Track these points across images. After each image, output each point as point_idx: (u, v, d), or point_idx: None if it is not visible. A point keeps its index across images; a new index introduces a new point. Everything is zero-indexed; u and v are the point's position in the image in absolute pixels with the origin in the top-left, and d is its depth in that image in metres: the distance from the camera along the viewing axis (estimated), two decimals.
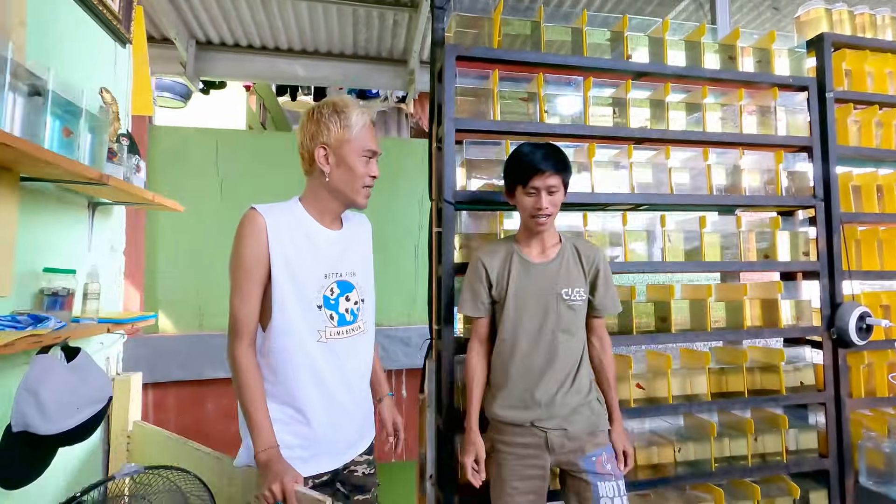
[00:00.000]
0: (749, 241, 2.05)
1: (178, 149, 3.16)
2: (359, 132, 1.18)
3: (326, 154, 1.18)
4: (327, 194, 1.20)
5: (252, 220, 1.13)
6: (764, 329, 1.97)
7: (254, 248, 1.11)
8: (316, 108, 1.19)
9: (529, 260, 1.49)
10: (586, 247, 1.53)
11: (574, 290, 1.45)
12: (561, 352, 1.43)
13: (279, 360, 1.14)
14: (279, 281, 1.12)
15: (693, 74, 1.96)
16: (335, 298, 1.20)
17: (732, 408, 1.95)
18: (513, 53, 1.80)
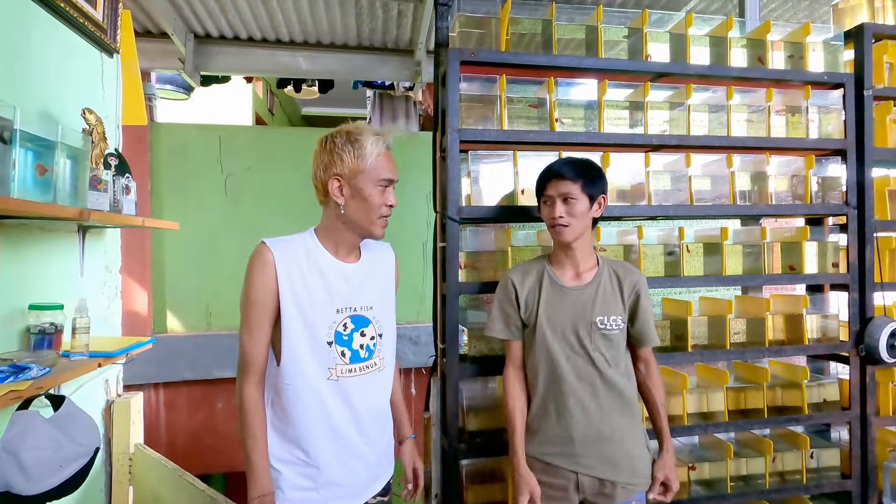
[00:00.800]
0: (774, 252, 1.93)
1: (181, 146, 3.10)
2: (374, 161, 1.12)
3: (341, 185, 1.13)
4: (342, 226, 1.16)
5: (260, 254, 1.10)
6: (787, 346, 1.87)
7: (262, 283, 1.09)
8: (329, 137, 1.15)
9: (562, 283, 1.39)
10: (626, 271, 1.42)
11: (610, 319, 1.35)
12: (598, 385, 1.34)
13: (289, 397, 1.11)
14: (288, 317, 1.09)
15: (718, 74, 1.81)
16: (349, 334, 1.16)
17: (751, 427, 1.87)
18: (522, 56, 1.67)
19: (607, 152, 1.75)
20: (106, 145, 1.43)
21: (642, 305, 1.39)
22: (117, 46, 1.66)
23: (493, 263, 1.75)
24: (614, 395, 1.35)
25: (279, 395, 1.12)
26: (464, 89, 1.67)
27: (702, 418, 1.85)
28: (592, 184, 1.34)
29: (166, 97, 3.67)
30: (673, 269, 1.84)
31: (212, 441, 3.07)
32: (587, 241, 1.41)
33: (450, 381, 1.62)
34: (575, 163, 1.37)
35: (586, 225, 1.37)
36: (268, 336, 1.11)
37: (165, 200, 3.09)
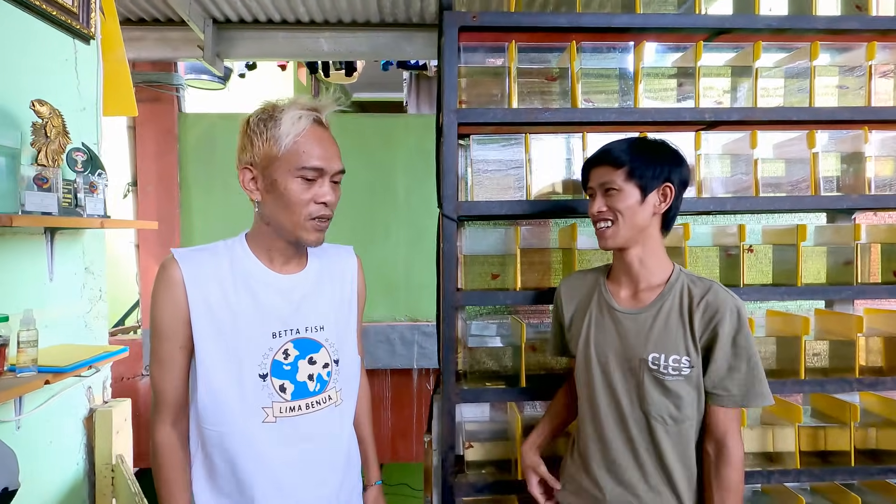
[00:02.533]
0: (872, 256, 1.51)
1: (208, 136, 3.06)
2: (291, 144, 0.86)
3: (254, 177, 0.90)
4: (267, 228, 0.93)
5: (165, 271, 0.89)
6: (887, 378, 1.45)
7: (168, 307, 0.88)
8: (249, 116, 0.91)
9: (614, 304, 1.09)
10: (711, 294, 1.01)
11: (669, 358, 1.00)
12: (643, 445, 1.03)
13: (213, 444, 0.90)
14: (204, 348, 0.88)
15: (798, 27, 1.40)
16: (291, 363, 0.93)
17: (833, 477, 1.48)
18: (536, 17, 1.37)
19: (644, 132, 1.41)
20: (67, 140, 1.31)
21: (726, 342, 0.98)
22: (93, 32, 1.54)
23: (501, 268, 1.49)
24: (662, 459, 1.02)
25: (202, 441, 0.92)
26: (465, 61, 1.40)
27: (765, 461, 1.49)
28: (644, 168, 1.01)
29: (201, 87, 3.65)
30: (731, 276, 1.48)
31: None
32: (652, 249, 1.07)
33: (445, 405, 1.39)
34: (626, 143, 1.06)
35: (642, 224, 1.04)
36: (184, 368, 0.92)
37: (194, 191, 3.07)
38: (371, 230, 3.14)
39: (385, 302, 3.10)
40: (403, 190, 3.15)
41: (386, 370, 3.09)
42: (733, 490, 0.99)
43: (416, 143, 3.14)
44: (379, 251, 3.12)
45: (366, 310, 3.48)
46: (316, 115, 0.90)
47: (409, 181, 3.15)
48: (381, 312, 3.09)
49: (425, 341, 3.08)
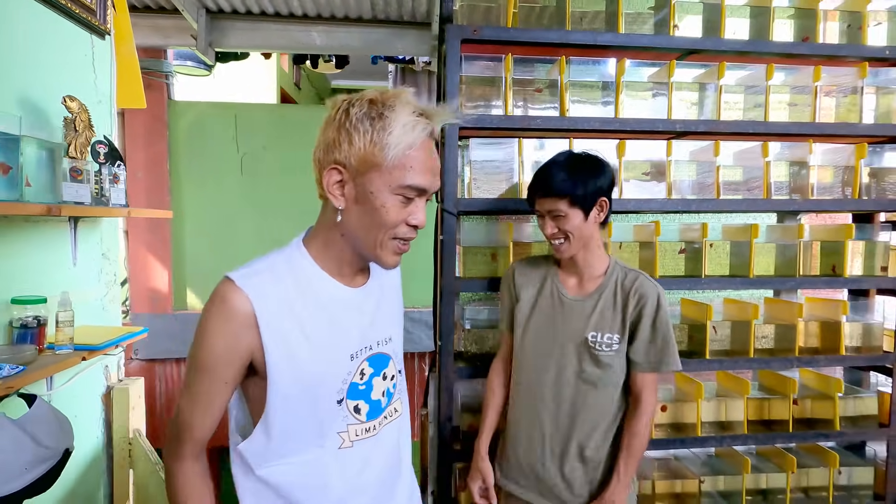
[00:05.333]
0: (812, 252, 1.74)
1: (198, 125, 3.10)
2: (400, 155, 0.73)
3: (342, 181, 0.77)
4: (341, 239, 0.81)
5: (226, 302, 0.74)
6: (821, 356, 1.69)
7: (223, 340, 0.74)
8: (345, 103, 0.76)
9: (563, 292, 1.28)
10: (638, 283, 1.22)
11: (604, 336, 1.22)
12: (577, 405, 1.23)
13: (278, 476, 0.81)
14: (281, 384, 0.76)
15: (757, 50, 1.60)
16: (366, 382, 0.85)
17: (774, 441, 1.72)
18: (530, 33, 1.52)
19: (624, 140, 1.59)
20: (93, 133, 1.40)
21: (648, 323, 1.21)
22: (108, 28, 1.61)
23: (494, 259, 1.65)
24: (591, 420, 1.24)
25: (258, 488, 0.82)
26: (466, 70, 1.54)
27: (719, 428, 1.72)
28: (583, 194, 1.17)
29: (186, 73, 3.66)
30: (694, 268, 1.69)
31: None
32: (594, 248, 1.26)
33: (444, 383, 1.56)
34: (563, 169, 1.19)
35: (588, 235, 1.23)
36: (223, 406, 0.79)
37: (184, 179, 3.11)
38: None
39: None
40: None
41: None
42: (639, 435, 1.22)
43: None
44: None
45: None
46: (431, 127, 0.76)
47: None
48: None
49: (412, 327, 3.23)
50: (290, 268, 0.80)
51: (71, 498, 1.51)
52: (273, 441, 0.78)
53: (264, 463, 0.80)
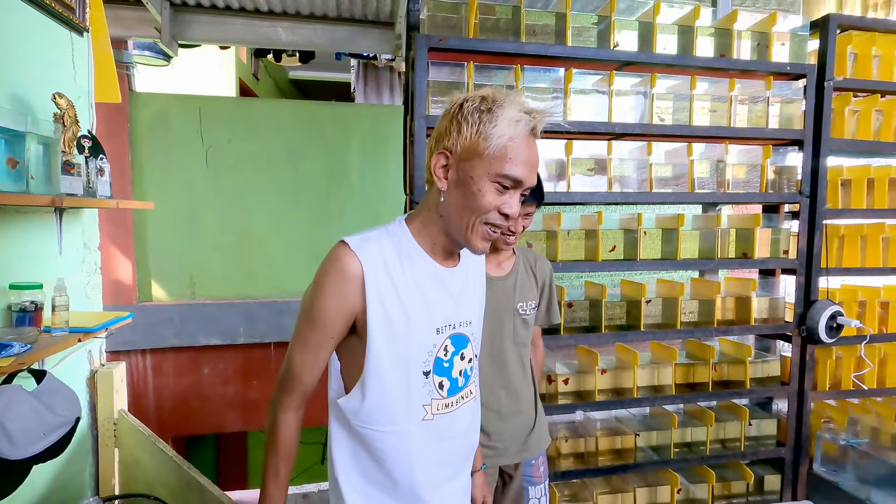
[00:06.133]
0: (729, 238, 2.03)
1: (161, 117, 3.09)
2: (501, 146, 0.80)
3: (447, 165, 0.85)
4: (440, 220, 0.88)
5: (340, 262, 0.83)
6: (735, 326, 1.99)
7: (336, 297, 0.83)
8: (462, 98, 0.86)
9: (491, 274, 1.47)
10: (537, 260, 1.52)
11: (528, 304, 1.46)
12: (510, 364, 1.45)
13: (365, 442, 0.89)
14: (377, 347, 0.84)
15: (683, 63, 1.85)
16: (449, 359, 0.92)
17: (696, 400, 2.01)
18: (489, 43, 1.70)
19: (571, 140, 1.81)
20: (78, 128, 1.47)
21: (549, 288, 1.51)
22: (87, 25, 1.67)
23: None
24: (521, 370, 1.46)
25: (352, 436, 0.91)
26: (432, 75, 1.71)
27: (652, 391, 1.99)
28: (537, 200, 1.42)
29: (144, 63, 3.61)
30: (631, 252, 1.93)
31: (200, 404, 3.22)
32: None
33: None
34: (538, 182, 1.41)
35: None
36: (326, 359, 0.88)
37: (146, 171, 3.10)
38: (327, 212, 3.35)
39: None
40: (358, 174, 3.39)
41: None
42: (539, 362, 1.60)
43: (370, 131, 3.38)
44: (335, 231, 3.35)
45: None
46: (534, 123, 0.83)
47: (363, 166, 3.39)
48: None
49: None
50: (393, 241, 0.88)
51: (58, 478, 1.58)
52: (367, 403, 0.86)
53: (360, 422, 0.88)
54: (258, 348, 3.28)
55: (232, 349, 3.23)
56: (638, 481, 2.01)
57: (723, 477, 2.05)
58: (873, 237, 2.10)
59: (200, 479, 1.32)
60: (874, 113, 2.05)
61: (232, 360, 3.26)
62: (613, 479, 2.03)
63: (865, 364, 2.04)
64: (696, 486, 2.02)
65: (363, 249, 0.83)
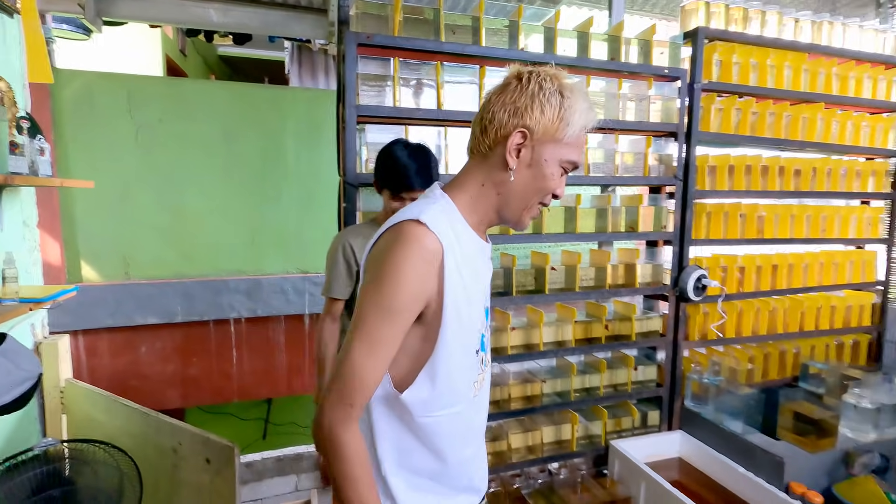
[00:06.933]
0: (619, 215, 2.39)
1: (86, 95, 3.04)
2: (576, 135, 0.83)
3: (523, 144, 0.82)
4: (496, 198, 0.86)
5: (425, 245, 0.76)
6: (624, 289, 2.38)
7: (418, 286, 0.76)
8: (532, 74, 0.84)
9: None
10: None
11: None
12: None
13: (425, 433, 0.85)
14: (449, 331, 0.81)
15: (581, 64, 2.16)
16: (485, 334, 0.93)
17: (592, 351, 2.39)
18: (412, 41, 1.91)
19: None
20: (17, 109, 1.54)
21: None
22: (17, 6, 1.70)
23: None
24: None
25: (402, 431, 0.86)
26: (361, 68, 1.90)
27: (556, 345, 2.34)
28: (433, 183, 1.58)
29: (63, 37, 3.49)
30: (537, 226, 2.25)
31: (138, 383, 3.26)
32: None
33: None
34: (426, 170, 1.53)
35: None
36: (392, 359, 0.79)
37: (71, 150, 3.05)
38: (263, 191, 3.45)
39: (278, 257, 3.48)
40: (293, 155, 3.50)
41: (280, 317, 3.51)
42: None
43: (305, 114, 3.49)
44: (272, 211, 3.46)
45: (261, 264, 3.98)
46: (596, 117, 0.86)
47: (298, 148, 3.50)
48: (276, 266, 3.47)
49: (315, 290, 3.54)
50: (448, 218, 0.83)
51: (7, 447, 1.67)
52: (437, 390, 0.82)
53: (427, 412, 0.83)
54: (197, 326, 3.35)
55: (170, 328, 3.29)
56: (545, 421, 2.37)
57: (614, 414, 2.46)
58: (733, 214, 2.56)
59: (170, 420, 1.48)
60: (734, 111, 2.47)
61: (170, 339, 3.32)
62: (525, 421, 2.38)
63: (721, 317, 2.51)
64: (592, 423, 2.42)
65: (439, 228, 0.78)
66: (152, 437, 1.53)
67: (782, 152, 2.72)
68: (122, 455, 1.40)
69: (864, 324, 2.95)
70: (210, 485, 1.42)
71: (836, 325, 2.86)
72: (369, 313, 0.75)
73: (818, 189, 2.73)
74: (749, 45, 2.47)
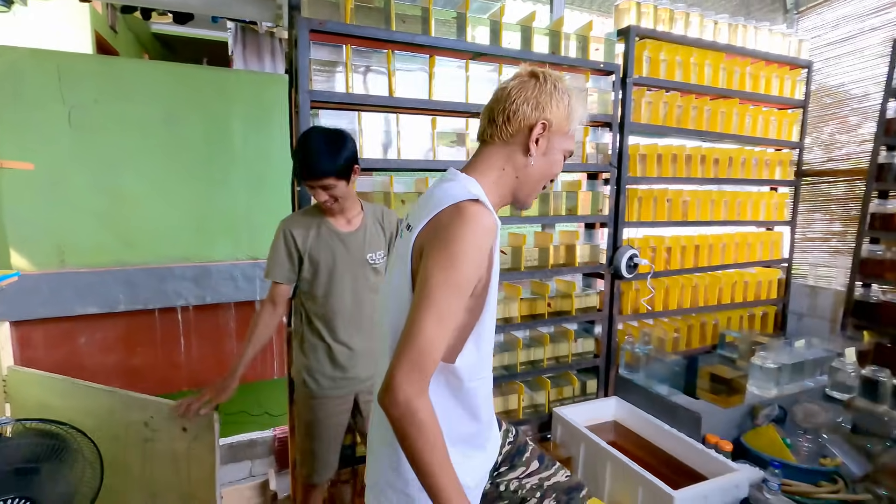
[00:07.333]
0: (560, 199, 2.57)
1: (10, 72, 2.85)
2: (574, 128, 0.98)
3: (542, 134, 0.94)
4: (514, 181, 0.96)
5: (487, 223, 0.84)
6: (565, 268, 2.56)
7: (479, 258, 0.83)
8: (547, 75, 0.97)
9: (338, 230, 1.66)
10: (385, 212, 1.75)
11: (377, 254, 1.70)
12: (365, 307, 1.70)
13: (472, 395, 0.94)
14: (492, 298, 0.90)
15: (524, 57, 2.29)
16: None
17: (536, 326, 2.57)
18: (364, 29, 1.97)
19: (436, 116, 2.17)
20: None
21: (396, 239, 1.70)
22: None
23: None
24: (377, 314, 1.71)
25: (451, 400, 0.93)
26: (314, 54, 1.93)
27: (504, 321, 2.49)
28: (343, 169, 1.54)
29: None
30: None
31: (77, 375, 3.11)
32: (351, 196, 1.66)
33: None
34: (326, 154, 1.50)
35: (350, 192, 1.61)
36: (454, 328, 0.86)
37: None
38: (210, 176, 3.37)
39: (227, 243, 3.43)
40: (240, 139, 3.44)
41: (230, 304, 3.47)
42: None
43: (253, 97, 3.43)
44: (219, 196, 3.39)
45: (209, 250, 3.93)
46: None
47: (246, 131, 3.44)
48: (224, 253, 3.42)
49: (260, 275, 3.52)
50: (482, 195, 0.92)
51: None
52: (481, 354, 0.90)
53: (473, 377, 0.91)
54: (141, 315, 3.26)
55: (112, 317, 3.18)
56: (494, 392, 2.50)
57: (556, 384, 2.66)
58: (661, 199, 2.81)
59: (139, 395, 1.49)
60: (662, 104, 2.70)
61: (112, 329, 3.21)
62: None
63: (650, 292, 2.76)
64: (537, 393, 2.61)
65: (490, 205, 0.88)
66: (120, 414, 1.52)
67: (703, 143, 3.00)
68: (81, 436, 1.40)
69: (772, 297, 3.33)
70: (188, 451, 1.45)
71: (749, 298, 3.21)
72: (439, 288, 0.81)
73: (734, 176, 3.04)
74: (675, 44, 2.70)
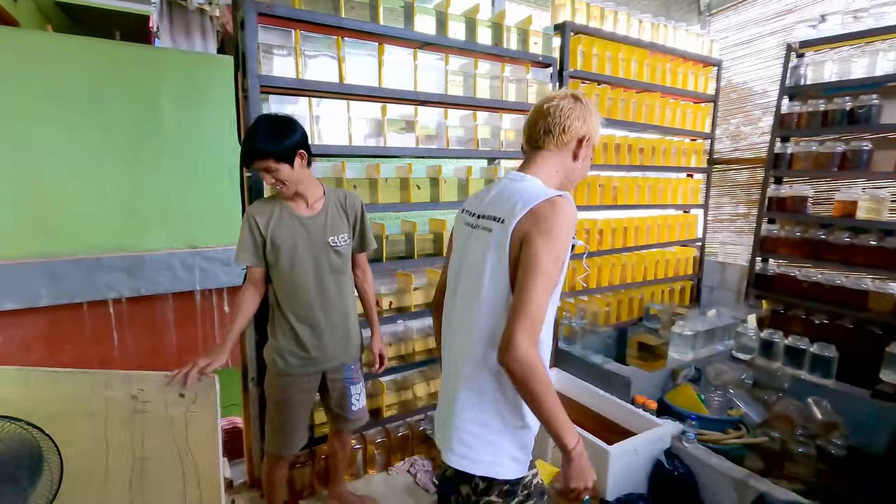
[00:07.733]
0: None
1: None
2: (596, 137, 1.23)
3: (587, 144, 1.20)
4: (562, 180, 1.22)
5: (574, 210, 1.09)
6: None
7: (569, 239, 1.07)
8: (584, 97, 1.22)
9: (299, 214, 1.68)
10: (348, 196, 1.77)
11: (340, 237, 1.73)
12: (330, 291, 1.75)
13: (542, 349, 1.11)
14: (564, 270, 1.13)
15: (469, 48, 2.39)
16: None
17: None
18: (313, 15, 1.97)
19: (386, 103, 2.22)
20: None
21: (361, 220, 1.80)
22: None
23: None
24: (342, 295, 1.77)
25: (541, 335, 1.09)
26: (262, 38, 1.91)
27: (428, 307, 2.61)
28: (284, 153, 1.55)
29: None
30: (434, 195, 2.47)
31: None
32: (309, 180, 1.69)
33: None
34: (264, 138, 1.53)
35: (301, 176, 1.62)
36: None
37: None
38: (138, 160, 3.17)
39: (162, 231, 3.26)
40: (173, 121, 3.26)
41: (167, 294, 3.32)
42: (371, 285, 1.95)
43: (186, 77, 3.25)
44: (150, 181, 3.21)
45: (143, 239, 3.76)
46: None
47: (178, 113, 3.26)
48: (160, 241, 3.25)
49: (206, 265, 3.40)
50: None
51: None
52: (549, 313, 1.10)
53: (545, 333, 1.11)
54: (67, 309, 3.05)
55: (33, 312, 2.95)
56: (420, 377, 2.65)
57: None
58: (594, 184, 3.04)
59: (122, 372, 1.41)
60: (594, 96, 2.91)
61: (34, 325, 2.98)
62: (427, 371, 2.64)
63: (585, 270, 3.00)
64: None
65: None
66: (101, 393, 1.45)
67: (630, 133, 3.27)
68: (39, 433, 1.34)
69: (689, 273, 3.71)
70: (184, 416, 1.43)
71: (669, 274, 3.56)
72: (546, 261, 1.02)
73: (656, 164, 3.34)
74: (605, 40, 2.90)
